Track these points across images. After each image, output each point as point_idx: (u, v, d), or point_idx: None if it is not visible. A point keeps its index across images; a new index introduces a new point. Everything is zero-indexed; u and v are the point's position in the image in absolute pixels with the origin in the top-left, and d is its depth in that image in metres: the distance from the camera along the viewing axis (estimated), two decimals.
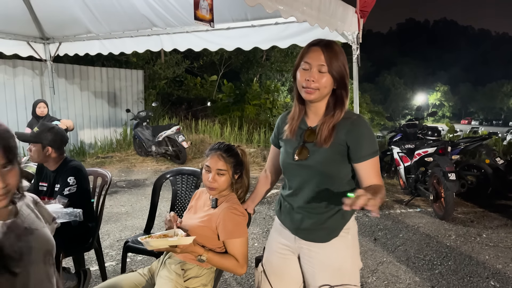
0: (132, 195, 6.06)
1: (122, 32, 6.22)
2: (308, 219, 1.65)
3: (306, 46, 1.59)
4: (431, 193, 5.06)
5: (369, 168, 1.55)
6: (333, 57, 1.52)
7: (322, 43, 1.56)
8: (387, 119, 8.67)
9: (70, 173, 2.58)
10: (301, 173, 1.63)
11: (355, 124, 1.56)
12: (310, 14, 3.60)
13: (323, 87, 1.53)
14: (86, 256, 3.33)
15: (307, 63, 1.53)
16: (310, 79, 1.52)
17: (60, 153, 2.67)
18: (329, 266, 1.64)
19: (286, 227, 1.75)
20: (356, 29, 4.76)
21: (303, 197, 1.65)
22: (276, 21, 5.14)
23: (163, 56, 14.31)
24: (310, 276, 1.70)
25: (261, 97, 14.75)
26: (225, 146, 1.94)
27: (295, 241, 1.73)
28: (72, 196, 2.51)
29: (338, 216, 1.63)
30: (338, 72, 1.53)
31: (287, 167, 1.70)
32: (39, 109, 5.65)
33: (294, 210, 1.70)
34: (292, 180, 1.70)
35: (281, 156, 1.74)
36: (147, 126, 8.91)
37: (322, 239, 1.65)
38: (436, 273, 3.45)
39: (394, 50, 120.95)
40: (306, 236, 1.68)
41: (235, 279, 3.25)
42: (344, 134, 1.55)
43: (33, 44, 7.02)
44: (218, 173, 1.88)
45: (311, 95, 1.54)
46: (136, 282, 1.96)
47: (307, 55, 1.55)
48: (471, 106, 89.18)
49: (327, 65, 1.51)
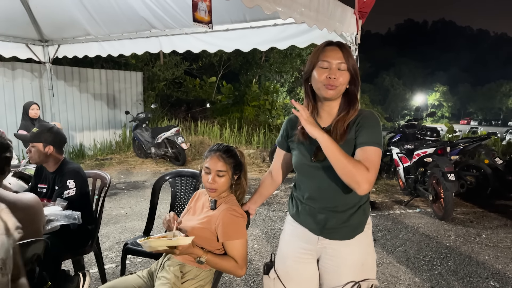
0: (132, 197, 6.06)
1: (121, 34, 6.23)
2: (333, 218, 1.65)
3: (321, 46, 1.62)
4: (430, 194, 5.07)
5: (366, 153, 1.51)
6: (349, 55, 1.58)
7: (336, 43, 1.61)
8: (386, 120, 8.64)
9: (69, 176, 2.59)
10: (319, 174, 1.63)
11: (365, 117, 1.60)
12: (309, 15, 3.61)
13: (342, 84, 1.57)
14: (86, 259, 3.33)
15: (326, 62, 1.56)
16: (331, 76, 1.55)
17: (60, 153, 2.69)
18: (353, 263, 1.66)
19: (308, 228, 1.72)
20: (355, 30, 4.77)
21: (324, 197, 1.66)
22: (274, 23, 5.15)
23: (162, 58, 14.31)
24: (333, 275, 1.68)
25: (260, 98, 14.74)
26: (224, 147, 1.94)
27: (317, 243, 1.70)
28: (71, 199, 2.51)
29: (360, 212, 1.66)
30: (354, 69, 1.59)
31: (303, 169, 1.69)
32: (32, 111, 5.64)
33: (316, 211, 1.68)
34: (310, 181, 1.69)
35: (295, 159, 1.72)
36: (147, 128, 8.91)
37: (347, 236, 1.66)
38: (436, 274, 3.45)
39: (393, 50, 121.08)
40: (331, 235, 1.67)
41: (234, 281, 3.25)
42: (355, 127, 1.58)
43: (32, 46, 7.03)
44: (218, 174, 1.88)
45: (330, 91, 1.57)
46: (135, 284, 1.96)
47: (324, 54, 1.58)
48: (470, 106, 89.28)
49: (345, 63, 1.56)
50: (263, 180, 2.01)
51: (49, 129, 2.67)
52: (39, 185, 2.75)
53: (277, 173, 1.96)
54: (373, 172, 1.48)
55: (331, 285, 1.69)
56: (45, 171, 2.72)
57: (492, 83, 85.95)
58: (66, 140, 2.77)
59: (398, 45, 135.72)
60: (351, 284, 1.63)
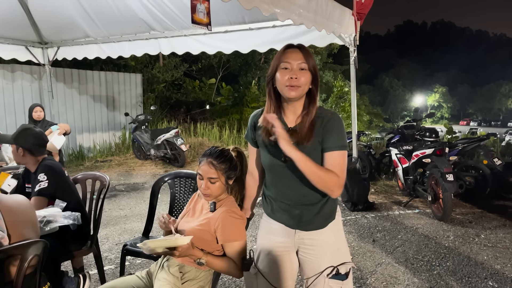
0: (131, 199, 6.06)
1: (120, 36, 6.25)
2: (307, 211, 1.74)
3: (281, 50, 1.70)
4: (429, 194, 5.07)
5: (334, 159, 1.63)
6: (309, 56, 1.65)
7: (296, 45, 1.69)
8: (385, 121, 8.69)
9: (41, 171, 2.58)
10: (289, 173, 1.70)
11: (329, 119, 1.67)
12: (307, 17, 3.62)
13: (305, 84, 1.64)
14: (85, 260, 3.33)
15: (287, 63, 1.64)
16: (293, 76, 1.61)
17: (36, 155, 2.65)
18: (330, 249, 1.76)
19: (285, 224, 1.79)
20: (353, 31, 4.78)
21: (297, 193, 1.73)
22: (273, 24, 5.16)
23: (161, 60, 14.33)
24: (313, 264, 1.77)
25: (260, 100, 14.75)
26: (216, 153, 1.91)
27: (295, 235, 1.78)
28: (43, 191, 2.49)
29: (330, 201, 1.76)
30: (315, 69, 1.67)
31: (274, 168, 1.76)
32: (35, 113, 5.65)
33: (290, 207, 1.76)
34: (281, 180, 1.76)
35: (265, 159, 1.79)
36: (146, 130, 8.92)
37: (321, 225, 1.76)
38: (435, 274, 3.45)
39: (392, 52, 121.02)
40: (307, 227, 1.76)
41: (233, 282, 3.25)
42: (321, 129, 1.66)
43: (32, 48, 7.04)
44: (210, 181, 1.87)
45: (294, 92, 1.63)
46: (134, 285, 1.97)
47: (285, 56, 1.65)
48: (469, 107, 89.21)
49: (306, 63, 1.63)
50: (247, 182, 2.01)
51: (23, 131, 2.64)
52: (26, 185, 2.78)
53: (256, 172, 1.96)
54: (342, 176, 1.63)
55: (312, 273, 1.77)
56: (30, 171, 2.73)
57: (491, 84, 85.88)
58: (43, 142, 2.71)
59: (397, 46, 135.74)
60: (330, 268, 1.73)
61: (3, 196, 1.82)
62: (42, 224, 2.20)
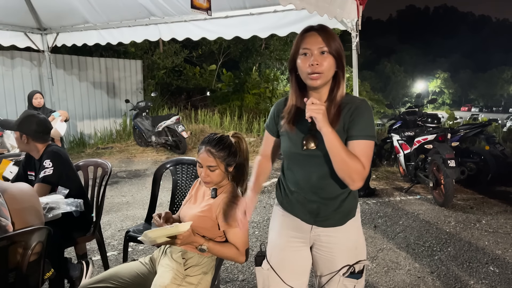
0: (133, 185, 6.08)
1: (119, 22, 6.19)
2: (325, 206, 1.64)
3: (299, 34, 1.58)
4: (430, 180, 5.08)
5: (360, 148, 1.50)
6: (330, 38, 1.52)
7: (315, 27, 1.55)
8: (387, 107, 8.63)
9: (47, 157, 2.56)
10: (310, 163, 1.60)
11: (358, 107, 1.55)
12: (309, 1, 3.56)
13: (327, 70, 1.52)
14: (88, 246, 3.35)
15: (307, 49, 1.52)
16: (314, 63, 1.49)
17: (41, 142, 2.62)
18: (348, 247, 1.67)
19: (300, 219, 1.69)
20: (355, 16, 4.71)
21: (316, 186, 1.63)
22: (274, 9, 5.10)
23: (161, 46, 14.22)
24: (328, 262, 1.68)
25: (261, 86, 14.69)
26: (215, 140, 1.88)
27: (311, 231, 1.68)
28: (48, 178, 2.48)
29: (351, 197, 1.66)
30: (337, 52, 1.53)
31: (294, 157, 1.65)
32: (35, 100, 5.63)
33: (307, 200, 1.65)
34: (300, 170, 1.65)
35: (285, 146, 1.68)
36: (147, 117, 8.91)
37: (340, 222, 1.66)
38: (436, 259, 3.47)
39: (394, 37, 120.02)
40: (324, 223, 1.66)
41: (236, 267, 3.28)
42: (348, 116, 1.55)
43: (31, 35, 6.97)
44: (209, 169, 1.86)
45: (317, 80, 1.52)
46: (137, 271, 1.98)
47: (304, 41, 1.53)
48: (471, 93, 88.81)
49: (327, 46, 1.50)
50: (260, 164, 1.84)
51: (26, 117, 2.59)
52: (28, 172, 2.75)
53: (269, 158, 1.86)
54: (367, 169, 1.49)
55: (326, 271, 1.69)
56: (33, 158, 2.70)
57: (493, 70, 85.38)
58: (47, 129, 2.66)
59: (399, 31, 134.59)
60: (346, 268, 1.65)
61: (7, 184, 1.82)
62: (45, 211, 2.20)
